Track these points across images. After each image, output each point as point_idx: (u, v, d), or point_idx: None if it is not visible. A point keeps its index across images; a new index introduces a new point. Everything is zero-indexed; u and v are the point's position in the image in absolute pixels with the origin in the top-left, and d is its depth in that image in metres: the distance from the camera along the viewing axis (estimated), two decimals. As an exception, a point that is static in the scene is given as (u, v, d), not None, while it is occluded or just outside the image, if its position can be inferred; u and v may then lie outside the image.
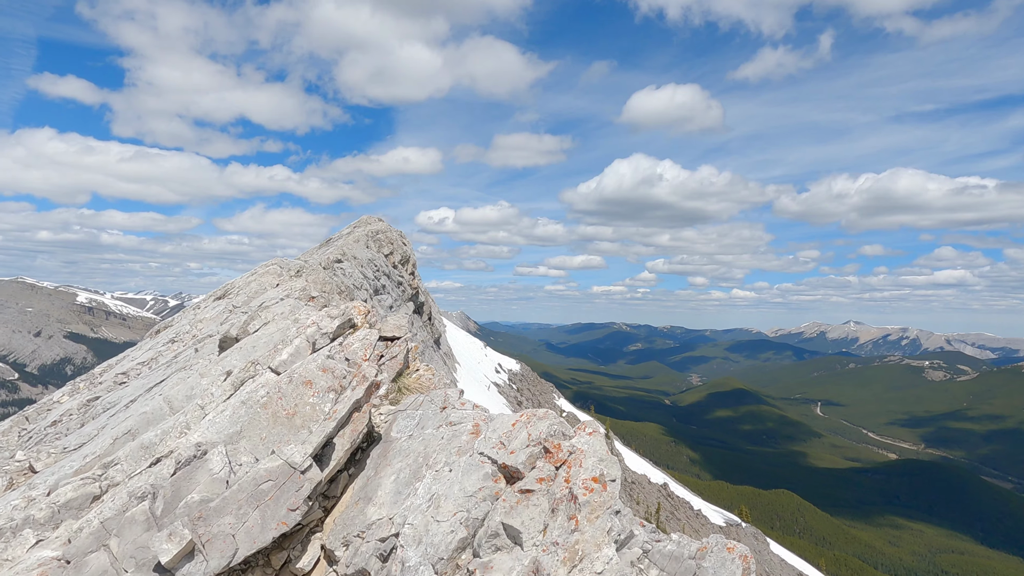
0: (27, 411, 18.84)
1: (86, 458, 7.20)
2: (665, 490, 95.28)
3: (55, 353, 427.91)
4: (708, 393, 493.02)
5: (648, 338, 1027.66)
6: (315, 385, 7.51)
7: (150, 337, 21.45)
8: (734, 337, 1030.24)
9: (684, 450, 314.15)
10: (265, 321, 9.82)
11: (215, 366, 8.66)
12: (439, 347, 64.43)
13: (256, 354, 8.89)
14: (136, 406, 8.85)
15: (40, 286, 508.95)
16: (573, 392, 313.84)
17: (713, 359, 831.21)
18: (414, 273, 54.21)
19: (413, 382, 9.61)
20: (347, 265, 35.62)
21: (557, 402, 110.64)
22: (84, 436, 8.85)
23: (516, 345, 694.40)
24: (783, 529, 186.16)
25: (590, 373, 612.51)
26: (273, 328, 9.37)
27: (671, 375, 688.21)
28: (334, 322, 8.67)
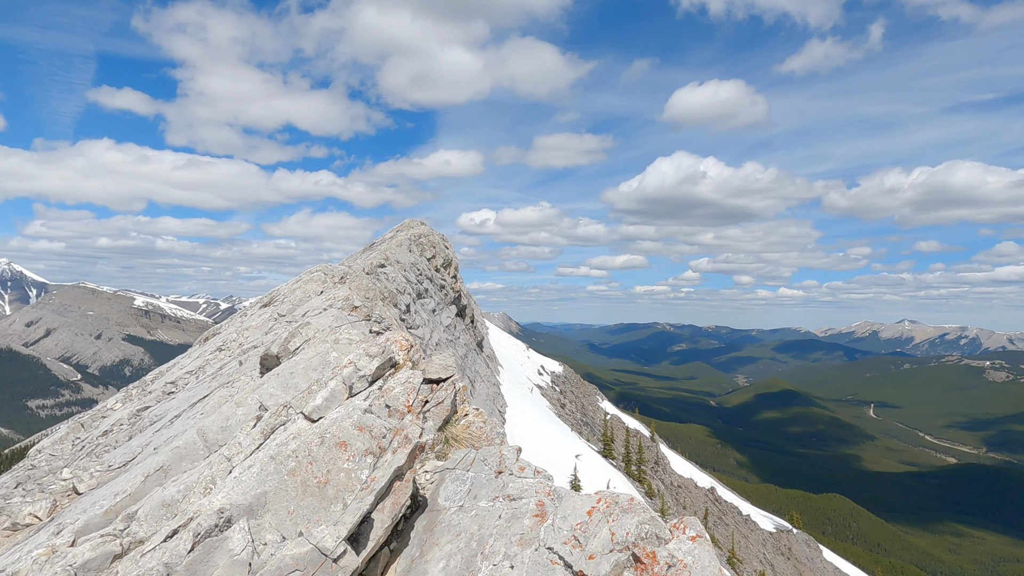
0: (83, 417, 19.29)
1: (117, 497, 6.99)
2: (712, 494, 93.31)
3: (115, 355, 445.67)
4: (755, 394, 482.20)
5: (692, 338, 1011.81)
6: (350, 447, 6.55)
7: (199, 344, 21.76)
8: (781, 337, 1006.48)
9: (731, 452, 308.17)
10: (306, 338, 9.49)
11: (251, 395, 8.34)
12: (482, 350, 64.38)
13: (293, 383, 8.41)
14: (177, 425, 8.76)
15: (100, 291, 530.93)
16: (616, 393, 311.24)
17: (760, 359, 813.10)
18: (456, 276, 54.25)
19: (462, 431, 8.67)
20: (390, 270, 35.75)
21: (601, 404, 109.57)
22: (128, 453, 8.85)
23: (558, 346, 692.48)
24: (835, 535, 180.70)
25: (633, 374, 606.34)
26: (311, 353, 8.90)
27: (716, 376, 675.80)
28: (373, 362, 7.80)
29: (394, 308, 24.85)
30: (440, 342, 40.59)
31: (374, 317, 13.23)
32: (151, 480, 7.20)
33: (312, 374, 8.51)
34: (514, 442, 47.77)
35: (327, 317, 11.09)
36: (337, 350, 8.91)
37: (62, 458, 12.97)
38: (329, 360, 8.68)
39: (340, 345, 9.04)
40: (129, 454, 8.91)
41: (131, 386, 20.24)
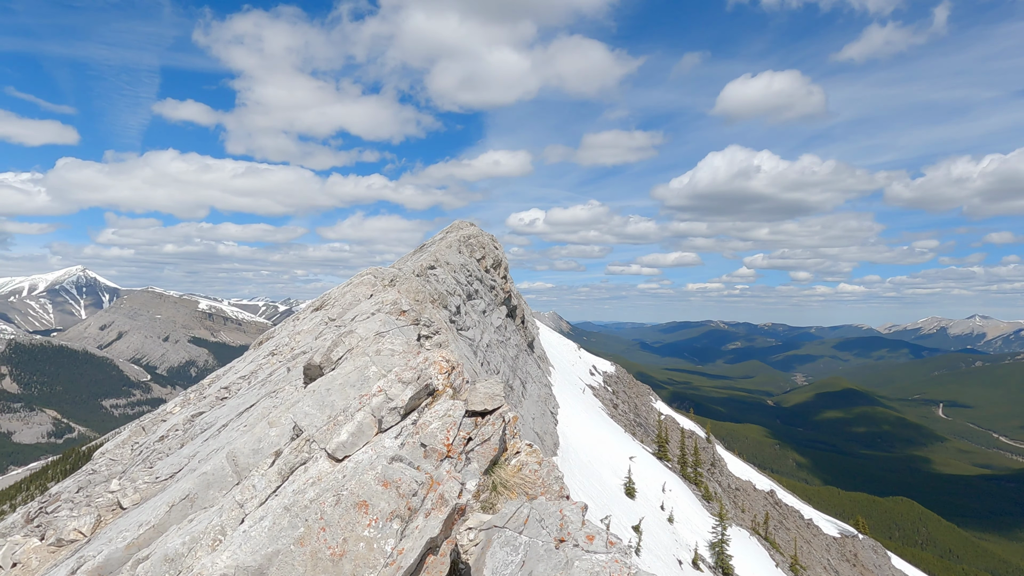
0: (144, 420, 19.75)
1: (141, 528, 6.71)
2: (772, 497, 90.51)
3: (181, 356, 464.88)
4: (815, 393, 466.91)
5: (748, 336, 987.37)
6: (372, 509, 5.31)
7: (254, 348, 22.05)
8: (842, 334, 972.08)
9: (790, 454, 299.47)
10: (349, 347, 9.10)
11: (286, 414, 7.77)
12: (533, 350, 63.98)
13: (330, 400, 7.73)
14: (223, 436, 8.58)
15: (167, 295, 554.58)
16: (669, 393, 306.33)
17: (819, 358, 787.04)
18: (506, 277, 54.00)
19: (512, 474, 7.11)
20: (440, 271, 35.71)
21: (654, 404, 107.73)
22: (175, 464, 8.81)
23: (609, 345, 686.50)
24: (903, 540, 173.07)
25: (687, 373, 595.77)
26: (350, 367, 8.23)
27: (773, 375, 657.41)
28: (406, 391, 6.76)
29: (444, 310, 24.72)
30: (490, 343, 40.36)
31: (423, 321, 12.96)
32: (176, 510, 6.83)
33: (350, 391, 7.89)
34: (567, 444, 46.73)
35: (375, 322, 10.86)
36: (377, 363, 8.21)
37: (121, 463, 13.20)
38: (368, 375, 8.04)
39: (381, 357, 8.32)
40: (176, 465, 8.85)
41: (190, 390, 20.60)
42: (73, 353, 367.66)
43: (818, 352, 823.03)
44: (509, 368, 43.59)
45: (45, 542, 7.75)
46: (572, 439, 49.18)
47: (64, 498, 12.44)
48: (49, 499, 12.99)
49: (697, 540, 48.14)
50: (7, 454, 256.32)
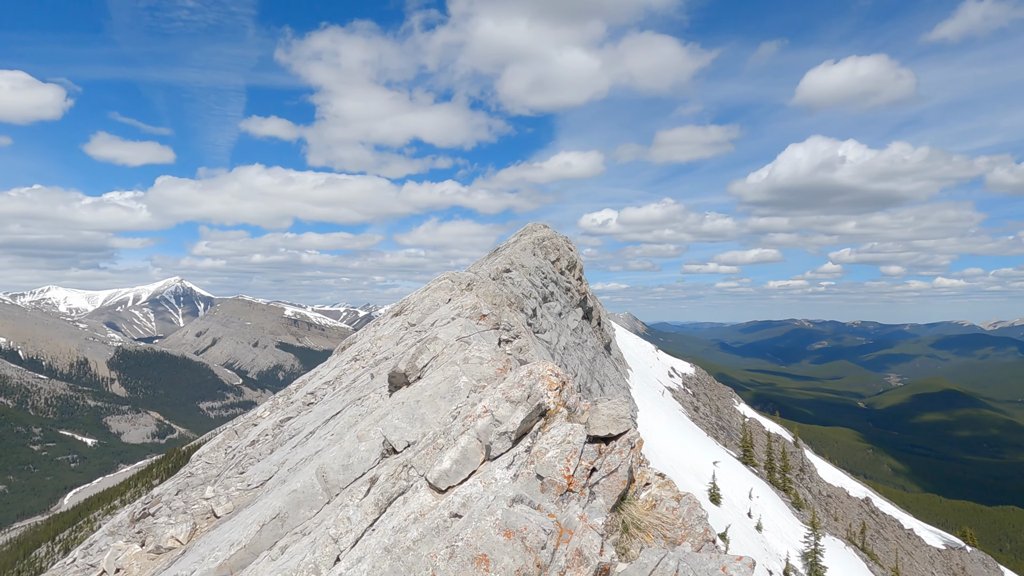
0: (236, 424, 20.49)
1: (232, 548, 6.63)
2: (868, 505, 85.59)
3: (269, 361, 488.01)
4: (911, 395, 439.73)
5: (835, 335, 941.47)
6: (494, 565, 4.43)
7: (337, 353, 22.54)
8: (940, 331, 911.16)
9: (885, 459, 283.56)
10: (434, 354, 8.88)
11: (375, 427, 7.36)
12: (610, 352, 63.03)
13: (419, 414, 7.17)
14: (310, 444, 8.60)
15: (256, 303, 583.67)
16: (752, 394, 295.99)
17: (915, 357, 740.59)
18: (581, 278, 53.40)
19: (645, 511, 5.95)
20: (515, 274, 35.60)
21: (737, 407, 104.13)
22: (266, 472, 8.93)
23: (687, 346, 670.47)
24: (1016, 553, 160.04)
25: (770, 374, 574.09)
26: (439, 377, 7.72)
27: (864, 375, 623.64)
28: (516, 412, 6.03)
29: (521, 313, 24.55)
30: (567, 346, 39.93)
31: (502, 325, 12.76)
32: (267, 530, 6.66)
33: (440, 403, 7.38)
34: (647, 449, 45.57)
35: (455, 327, 10.74)
36: (467, 372, 7.69)
37: (215, 466, 13.68)
38: (458, 386, 7.50)
39: (470, 366, 7.79)
40: (266, 472, 8.97)
41: (278, 395, 21.21)
42: (173, 359, 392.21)
43: (913, 351, 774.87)
44: (587, 371, 43.01)
45: (145, 549, 8.02)
46: (653, 443, 48.01)
47: (164, 500, 12.96)
48: (151, 500, 13.57)
49: (788, 550, 45.97)
50: (117, 453, 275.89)
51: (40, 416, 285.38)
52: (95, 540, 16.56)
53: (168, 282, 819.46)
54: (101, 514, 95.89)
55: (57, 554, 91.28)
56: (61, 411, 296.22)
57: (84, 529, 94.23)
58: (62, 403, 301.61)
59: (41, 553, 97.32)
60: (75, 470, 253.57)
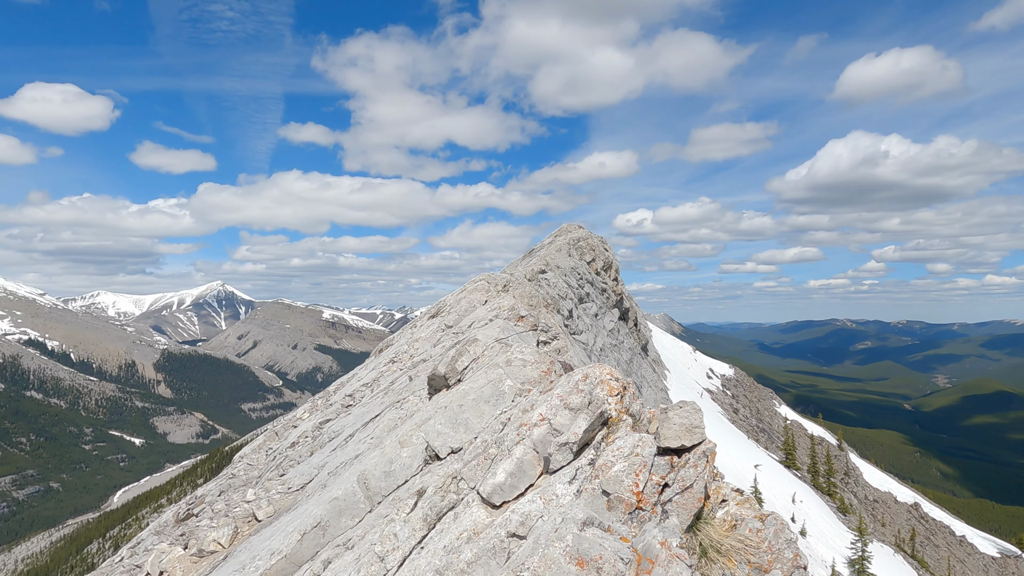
0: (277, 426, 20.73)
1: (273, 558, 6.49)
2: (917, 511, 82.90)
3: (308, 363, 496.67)
4: (961, 396, 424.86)
5: (879, 335, 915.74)
6: None
7: (375, 355, 22.64)
8: (991, 331, 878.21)
9: (933, 462, 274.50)
10: (474, 356, 8.66)
11: (417, 432, 7.07)
12: (647, 354, 62.28)
13: (463, 419, 6.82)
14: (349, 448, 8.53)
15: (295, 306, 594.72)
16: (793, 396, 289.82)
17: (964, 357, 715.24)
18: (617, 279, 52.87)
19: (725, 533, 5.35)
20: (551, 275, 35.39)
21: (778, 409, 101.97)
22: (306, 475, 8.92)
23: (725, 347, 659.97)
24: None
25: (811, 375, 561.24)
26: (482, 380, 7.38)
27: (910, 376, 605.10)
28: (578, 420, 5.48)
29: (557, 315, 24.31)
30: (604, 347, 39.52)
31: (540, 326, 12.58)
32: (308, 539, 6.48)
33: (484, 408, 7.04)
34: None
35: (493, 328, 10.60)
36: (511, 375, 7.35)
37: (257, 467, 13.81)
38: (503, 390, 7.17)
39: (513, 368, 7.44)
40: (306, 475, 8.97)
41: (317, 396, 21.38)
42: (216, 361, 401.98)
43: (962, 351, 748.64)
44: (623, 372, 42.52)
45: (188, 552, 8.08)
46: (692, 446, 47.24)
47: (208, 500, 13.13)
48: (195, 501, 13.77)
49: (834, 556, 44.70)
50: (163, 453, 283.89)
51: (91, 417, 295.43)
52: (142, 539, 16.90)
53: (210, 286, 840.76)
54: (148, 512, 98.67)
55: (108, 550, 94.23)
56: (111, 412, 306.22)
57: (133, 527, 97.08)
58: (111, 404, 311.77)
59: (93, 549, 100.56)
60: (124, 469, 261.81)
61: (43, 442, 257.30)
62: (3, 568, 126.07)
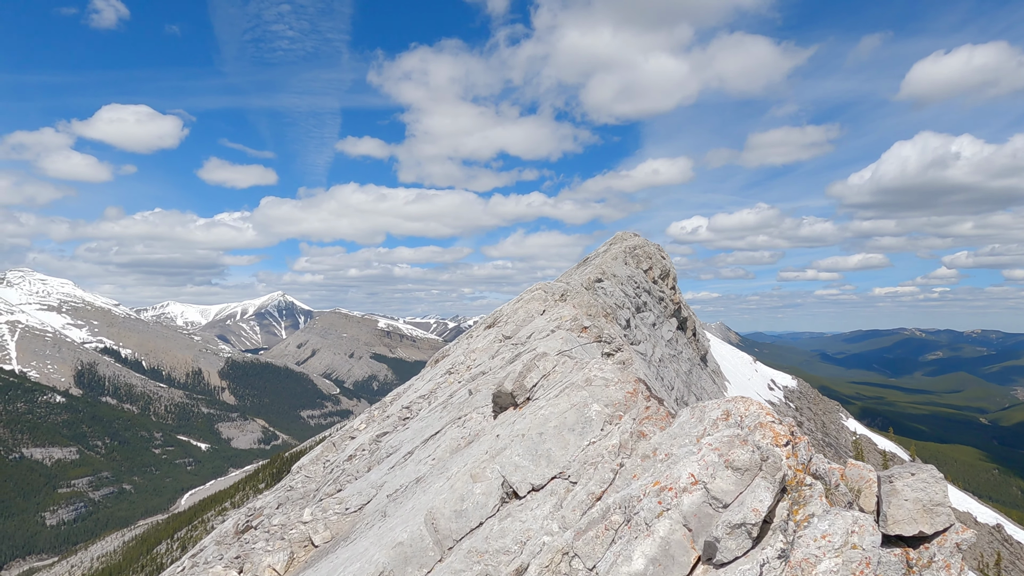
0: (335, 436, 20.70)
1: None
2: (999, 533, 77.75)
3: (364, 371, 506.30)
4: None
5: (952, 345, 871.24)
6: None
7: (430, 366, 22.43)
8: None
9: (1014, 480, 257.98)
10: (544, 372, 7.70)
11: (490, 464, 6.06)
12: (706, 364, 60.52)
13: (544, 450, 5.75)
14: (409, 468, 8.10)
15: (351, 315, 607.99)
16: (859, 408, 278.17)
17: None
18: (675, 287, 51.57)
19: None
20: (607, 284, 34.64)
21: (845, 422, 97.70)
22: (363, 495, 8.58)
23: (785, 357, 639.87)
24: None
25: (878, 387, 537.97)
26: (564, 404, 6.21)
27: (986, 388, 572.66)
28: (757, 488, 3.97)
29: (616, 325, 23.67)
30: (663, 358, 38.43)
31: (604, 337, 12.01)
32: None
33: (569, 437, 5.91)
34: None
35: (556, 340, 10.12)
36: (595, 397, 6.19)
37: (314, 480, 13.69)
38: (589, 416, 6.00)
39: (595, 388, 6.28)
40: (364, 495, 8.63)
41: (374, 407, 21.27)
42: (276, 369, 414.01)
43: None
44: (683, 384, 41.29)
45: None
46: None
47: (266, 513, 13.03)
48: (254, 513, 13.71)
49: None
50: (227, 458, 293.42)
51: (160, 422, 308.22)
52: (205, 546, 17.04)
53: (272, 296, 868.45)
54: (213, 515, 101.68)
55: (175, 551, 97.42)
56: (179, 417, 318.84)
57: (198, 528, 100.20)
58: (179, 410, 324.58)
59: (161, 550, 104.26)
60: (191, 472, 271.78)
61: (117, 445, 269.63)
62: (80, 565, 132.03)
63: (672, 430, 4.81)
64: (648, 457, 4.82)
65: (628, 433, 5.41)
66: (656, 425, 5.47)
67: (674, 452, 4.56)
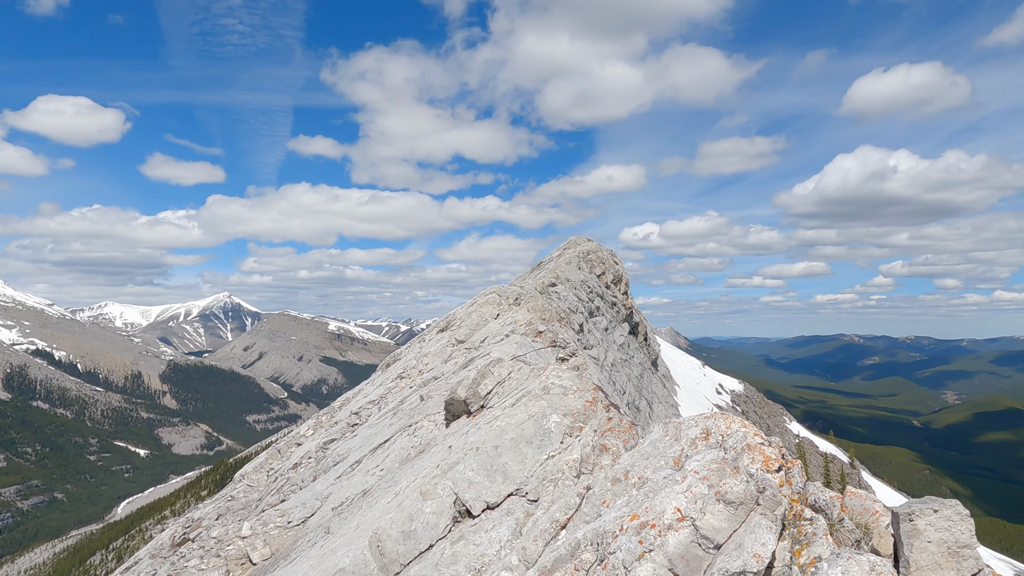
0: (280, 443, 20.02)
1: None
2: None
3: (313, 375, 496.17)
4: (971, 413, 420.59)
5: (888, 351, 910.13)
6: None
7: (381, 370, 21.96)
8: (1002, 347, 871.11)
9: (944, 480, 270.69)
10: (499, 379, 7.41)
11: (442, 480, 5.59)
12: (657, 369, 61.35)
13: (500, 465, 5.33)
14: (356, 479, 7.69)
15: (301, 317, 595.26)
16: (801, 411, 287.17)
17: (975, 374, 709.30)
18: (627, 292, 52.13)
19: None
20: (561, 288, 34.70)
21: (788, 425, 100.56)
22: (307, 507, 8.17)
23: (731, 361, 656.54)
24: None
25: (819, 391, 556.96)
26: (521, 415, 5.74)
27: (919, 392, 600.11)
28: (752, 526, 3.39)
29: (570, 329, 23.64)
30: (615, 362, 38.71)
31: (558, 342, 11.88)
32: None
33: (527, 450, 5.47)
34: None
35: (510, 345, 9.91)
36: (555, 407, 5.77)
37: (257, 489, 13.12)
38: (548, 427, 5.56)
39: (553, 397, 5.89)
40: (308, 507, 8.19)
41: (321, 413, 20.70)
42: (221, 372, 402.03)
43: (972, 368, 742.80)
44: (635, 388, 41.68)
45: (172, 600, 7.43)
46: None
47: (205, 524, 12.42)
48: (192, 524, 13.07)
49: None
50: (168, 464, 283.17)
51: (96, 427, 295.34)
52: (140, 558, 16.17)
53: (217, 297, 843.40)
54: (152, 524, 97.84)
55: (110, 562, 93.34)
56: (116, 423, 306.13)
57: (136, 538, 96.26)
58: (117, 415, 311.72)
59: (95, 561, 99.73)
60: (128, 480, 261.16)
61: (48, 452, 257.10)
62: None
63: (644, 449, 4.40)
64: (619, 481, 4.25)
65: (590, 447, 5.04)
66: (619, 438, 5.13)
67: (650, 477, 4.04)
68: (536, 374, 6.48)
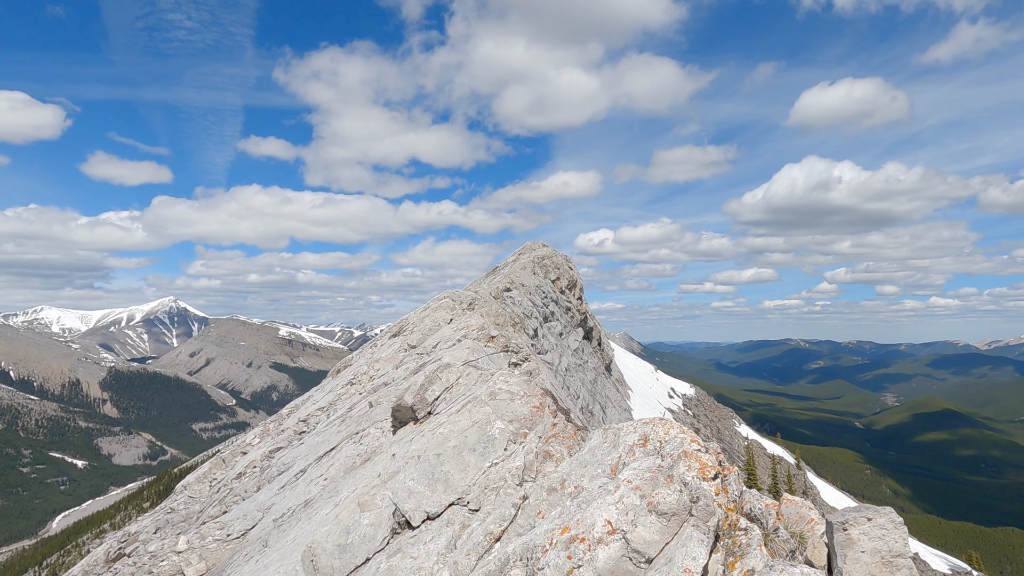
0: (225, 452, 19.39)
1: None
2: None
3: (263, 381, 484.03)
4: (910, 415, 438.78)
5: (832, 355, 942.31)
6: None
7: (332, 376, 21.51)
8: (937, 351, 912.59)
9: (885, 480, 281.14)
10: (447, 385, 7.22)
11: (382, 490, 5.32)
12: (611, 373, 61.93)
13: (442, 473, 5.12)
14: (300, 489, 7.41)
15: (250, 323, 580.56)
16: (750, 414, 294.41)
17: (912, 377, 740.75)
18: (581, 298, 52.52)
19: None
20: (516, 293, 34.70)
21: (738, 429, 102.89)
22: (248, 519, 7.85)
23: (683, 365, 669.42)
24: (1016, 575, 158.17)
25: (768, 394, 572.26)
26: (465, 422, 5.58)
27: (861, 395, 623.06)
28: (683, 538, 3.25)
29: (524, 335, 23.60)
30: (569, 367, 38.90)
31: (511, 347, 11.81)
32: None
33: (470, 458, 5.25)
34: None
35: (462, 349, 9.79)
36: (499, 413, 5.59)
37: (199, 500, 12.62)
38: (492, 434, 5.36)
39: (499, 403, 5.69)
40: (249, 519, 7.87)
41: (269, 420, 20.14)
42: (166, 379, 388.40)
43: (910, 371, 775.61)
44: (588, 392, 41.96)
45: (98, 622, 7.03)
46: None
47: (142, 539, 11.88)
48: (128, 538, 12.50)
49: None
50: (108, 475, 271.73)
51: (30, 438, 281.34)
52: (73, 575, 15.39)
53: (162, 302, 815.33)
54: (90, 538, 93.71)
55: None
56: (52, 432, 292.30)
57: (72, 554, 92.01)
58: (53, 424, 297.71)
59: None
60: (65, 493, 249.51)
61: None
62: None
63: (582, 456, 4.26)
64: (555, 490, 4.07)
65: (533, 453, 4.88)
66: (563, 444, 4.97)
67: (585, 486, 3.87)
68: (484, 379, 6.32)
